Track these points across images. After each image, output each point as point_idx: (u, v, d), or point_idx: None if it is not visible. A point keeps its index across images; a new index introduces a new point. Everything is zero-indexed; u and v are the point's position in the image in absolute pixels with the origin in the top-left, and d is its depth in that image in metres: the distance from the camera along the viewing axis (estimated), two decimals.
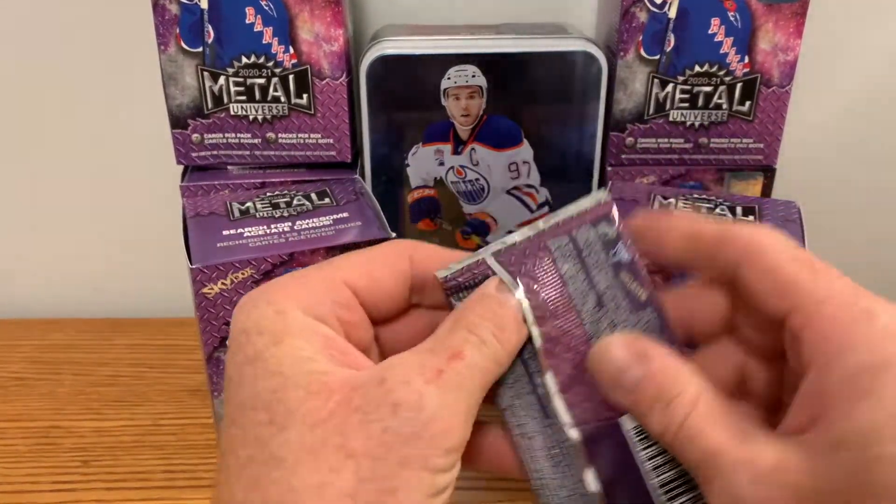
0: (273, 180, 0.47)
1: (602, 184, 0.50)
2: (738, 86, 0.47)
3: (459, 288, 0.25)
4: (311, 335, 0.23)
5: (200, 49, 0.45)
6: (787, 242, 0.23)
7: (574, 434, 0.25)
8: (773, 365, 0.25)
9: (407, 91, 0.47)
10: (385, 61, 0.46)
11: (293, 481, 0.20)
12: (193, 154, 0.47)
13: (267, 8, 0.44)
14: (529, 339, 0.25)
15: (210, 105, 0.46)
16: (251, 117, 0.47)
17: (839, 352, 0.20)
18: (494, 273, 0.25)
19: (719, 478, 0.21)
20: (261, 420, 0.21)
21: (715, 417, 0.21)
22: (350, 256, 0.25)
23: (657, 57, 0.46)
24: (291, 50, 0.45)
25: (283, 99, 0.46)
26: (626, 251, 0.26)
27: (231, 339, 0.23)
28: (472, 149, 0.48)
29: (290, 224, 0.42)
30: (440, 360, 0.22)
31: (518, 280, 0.25)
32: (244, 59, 0.45)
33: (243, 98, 0.46)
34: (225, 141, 0.47)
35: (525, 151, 0.49)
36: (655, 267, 0.27)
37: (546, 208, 0.50)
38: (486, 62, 0.46)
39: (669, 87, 0.47)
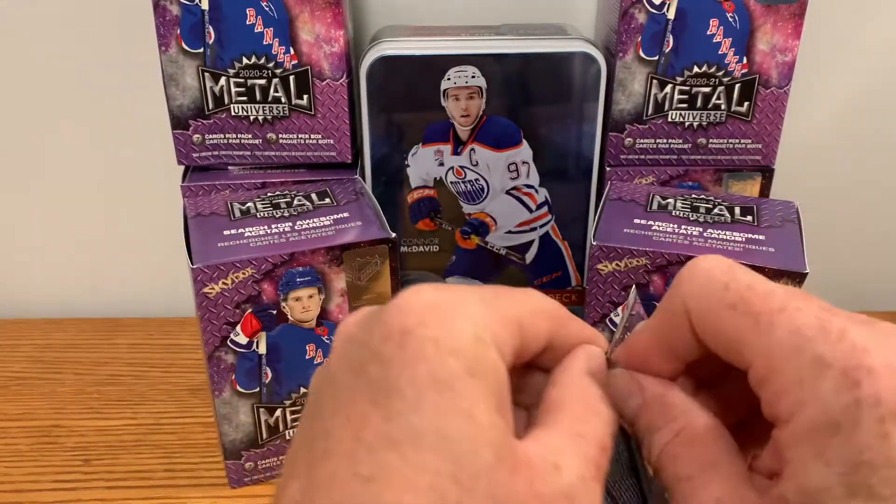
0: (273, 180, 0.48)
1: (601, 184, 0.50)
2: (737, 86, 0.47)
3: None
4: (499, 382, 0.20)
5: (201, 50, 0.45)
6: (715, 283, 0.21)
7: None
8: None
9: (407, 91, 0.47)
10: (385, 62, 0.46)
11: None
12: (194, 154, 0.48)
13: (267, 9, 0.44)
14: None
15: (211, 105, 0.46)
16: (252, 118, 0.47)
17: (791, 412, 0.19)
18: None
19: (682, 501, 0.21)
20: (442, 470, 0.18)
21: (688, 447, 0.22)
22: (521, 299, 0.22)
23: (656, 58, 0.46)
24: (292, 51, 0.45)
25: (283, 99, 0.46)
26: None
27: (410, 337, 0.19)
28: (472, 149, 0.49)
29: (290, 224, 0.42)
30: (596, 452, 0.21)
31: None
32: (245, 60, 0.45)
33: (244, 99, 0.46)
34: (226, 141, 0.47)
35: (524, 152, 0.49)
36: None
37: (545, 208, 0.51)
38: (486, 63, 0.46)
39: (668, 88, 0.47)
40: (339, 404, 0.19)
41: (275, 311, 0.41)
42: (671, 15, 0.45)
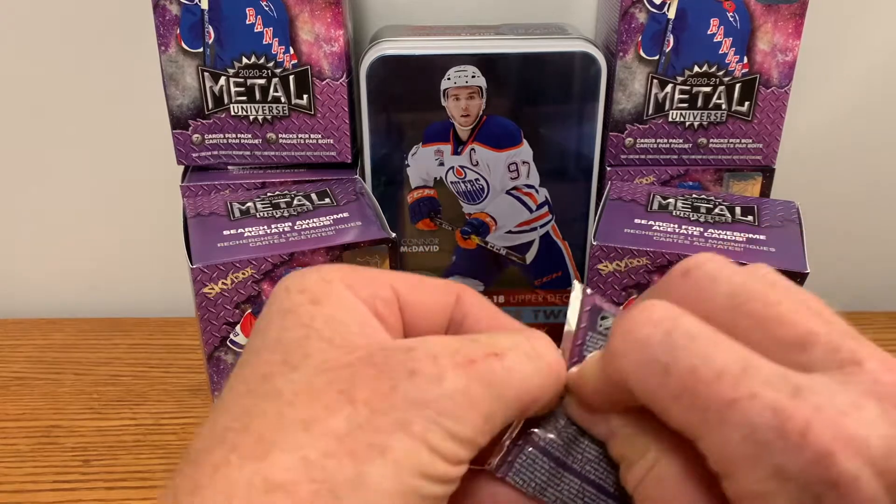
0: (273, 180, 0.48)
1: (601, 184, 0.50)
2: (737, 86, 0.47)
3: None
4: (351, 307, 0.22)
5: (201, 49, 0.45)
6: (661, 370, 0.19)
7: None
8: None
9: (407, 91, 0.47)
10: (385, 62, 0.46)
11: (283, 413, 0.19)
12: (194, 154, 0.48)
13: (267, 8, 0.44)
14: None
15: (210, 105, 0.46)
16: (251, 118, 0.47)
17: (727, 486, 0.18)
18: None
19: None
20: (274, 360, 0.21)
21: (660, 489, 0.21)
22: (404, 273, 0.25)
23: (656, 57, 0.46)
24: (292, 50, 0.45)
25: (283, 99, 0.46)
26: None
27: (270, 295, 0.23)
28: (472, 149, 0.48)
29: (290, 224, 0.42)
30: (477, 351, 0.21)
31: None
32: (244, 60, 0.45)
33: (244, 98, 0.46)
34: (225, 141, 0.47)
35: (525, 152, 0.49)
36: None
37: (545, 208, 0.51)
38: (485, 62, 0.46)
39: (668, 88, 0.47)
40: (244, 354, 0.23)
41: None
42: (671, 14, 0.45)
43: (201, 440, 0.20)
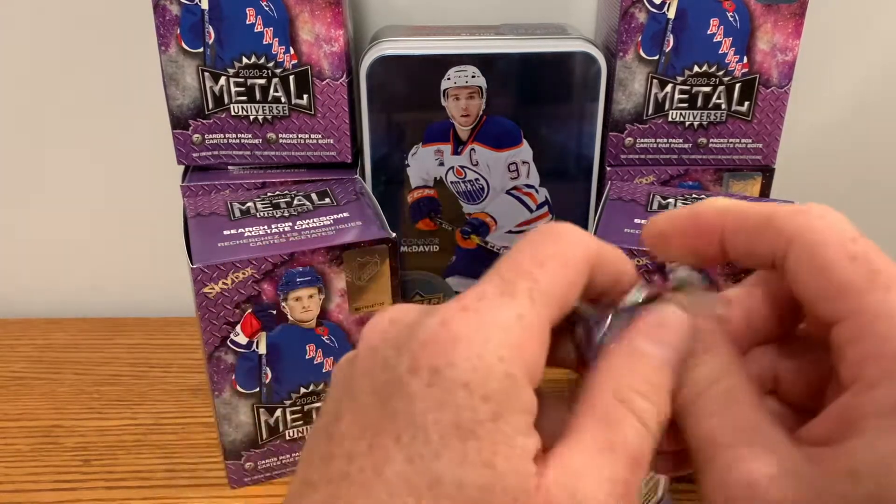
0: (273, 180, 0.48)
1: (601, 184, 0.50)
2: (737, 86, 0.47)
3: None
4: (529, 415, 0.19)
5: (201, 49, 0.45)
6: (843, 232, 0.20)
7: None
8: (808, 366, 0.23)
9: (407, 91, 0.47)
10: (385, 62, 0.46)
11: None
12: (194, 154, 0.48)
13: (267, 9, 0.44)
14: None
15: (211, 105, 0.46)
16: (252, 117, 0.47)
17: (881, 380, 0.18)
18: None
19: (714, 470, 0.20)
20: None
21: (726, 405, 0.20)
22: (551, 278, 0.20)
23: (656, 57, 0.46)
24: (292, 50, 0.45)
25: (283, 99, 0.46)
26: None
27: (439, 378, 0.19)
28: (472, 149, 0.48)
29: (290, 224, 0.42)
30: (624, 469, 0.20)
31: None
32: (245, 60, 0.45)
33: (244, 98, 0.46)
34: (225, 141, 0.47)
35: (525, 151, 0.49)
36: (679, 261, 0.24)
37: (545, 208, 0.51)
38: (485, 62, 0.46)
39: (668, 88, 0.47)
40: (362, 429, 0.19)
41: (275, 311, 0.41)
42: (671, 14, 0.45)
43: None
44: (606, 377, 0.21)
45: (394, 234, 0.41)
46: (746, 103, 0.47)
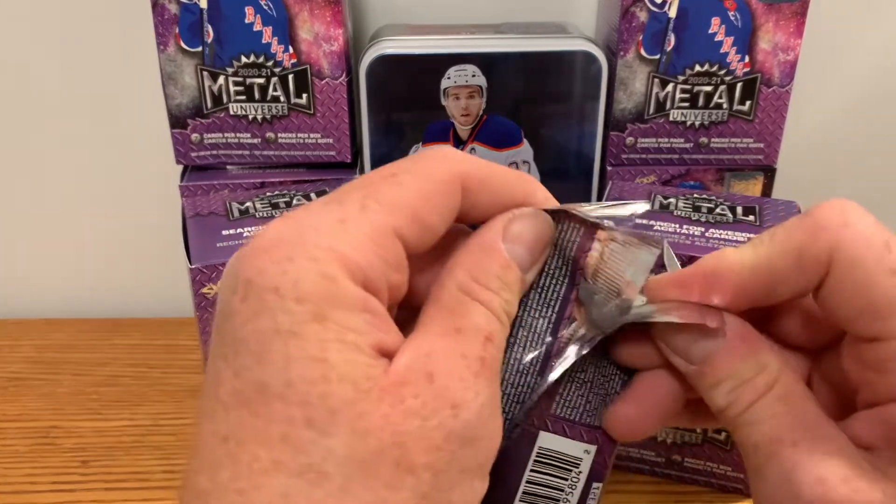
0: (272, 180, 0.47)
1: (602, 183, 0.50)
2: (739, 85, 0.47)
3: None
4: (361, 313, 0.18)
5: (200, 49, 0.45)
6: (882, 244, 0.20)
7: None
8: (837, 374, 0.22)
9: (407, 91, 0.47)
10: (385, 61, 0.45)
11: (345, 500, 0.17)
12: (193, 154, 0.47)
13: (266, 7, 0.44)
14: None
15: (209, 105, 0.46)
16: (251, 117, 0.47)
17: None
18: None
19: (777, 468, 0.19)
20: (294, 417, 0.17)
21: (787, 405, 0.20)
22: (398, 188, 0.20)
23: (657, 56, 0.46)
24: (291, 49, 0.45)
25: (282, 99, 0.46)
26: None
27: (251, 288, 0.18)
28: (472, 148, 0.48)
29: None
30: (476, 345, 0.19)
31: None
32: (244, 59, 0.45)
33: (243, 98, 0.46)
34: (224, 141, 0.47)
35: (525, 151, 0.49)
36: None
37: None
38: (486, 62, 0.46)
39: (669, 87, 0.47)
40: (208, 362, 0.19)
41: None
42: (672, 13, 0.45)
43: None
44: (453, 270, 0.20)
45: None
46: (748, 103, 0.47)
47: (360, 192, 0.19)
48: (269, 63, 0.45)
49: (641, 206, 0.24)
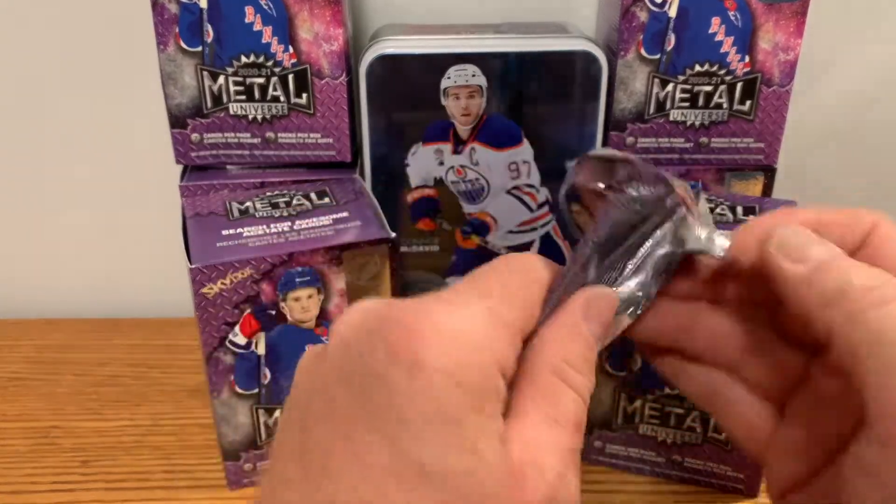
0: (272, 180, 0.47)
1: None
2: (739, 85, 0.47)
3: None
4: (501, 403, 0.21)
5: (200, 48, 0.45)
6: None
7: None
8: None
9: (407, 91, 0.47)
10: (385, 61, 0.45)
11: None
12: (193, 154, 0.47)
13: (266, 7, 0.44)
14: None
15: (209, 104, 0.46)
16: (251, 117, 0.47)
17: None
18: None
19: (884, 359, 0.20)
20: (444, 501, 0.18)
21: None
22: (515, 295, 0.22)
23: (657, 56, 0.46)
24: (291, 49, 0.45)
25: (282, 98, 0.46)
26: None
27: (414, 366, 0.19)
28: (472, 148, 0.48)
29: (289, 224, 0.42)
30: (571, 437, 0.21)
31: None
32: (243, 59, 0.45)
33: (243, 97, 0.46)
34: (224, 140, 0.47)
35: (525, 151, 0.49)
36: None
37: (546, 208, 0.50)
38: (486, 61, 0.46)
39: (670, 87, 0.47)
40: (336, 423, 0.19)
41: (274, 312, 0.41)
42: (673, 13, 0.45)
43: None
44: (544, 353, 0.22)
45: (394, 234, 0.41)
46: (748, 102, 0.47)
47: (494, 293, 0.22)
48: (269, 63, 0.45)
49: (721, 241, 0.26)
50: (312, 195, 0.45)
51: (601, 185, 0.26)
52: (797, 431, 0.25)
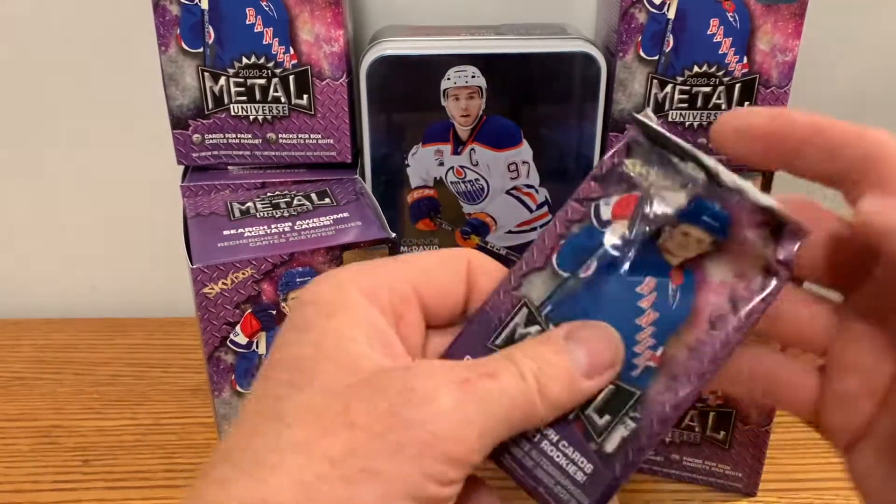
0: (273, 180, 0.48)
1: None
2: (737, 86, 0.47)
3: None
4: (363, 318, 0.22)
5: (201, 49, 0.45)
6: None
7: None
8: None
9: (407, 91, 0.47)
10: (385, 62, 0.46)
11: (282, 435, 0.20)
12: (194, 154, 0.48)
13: (267, 9, 0.44)
14: None
15: (210, 105, 0.46)
16: (251, 118, 0.47)
17: None
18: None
19: None
20: (282, 380, 0.22)
21: None
22: (414, 257, 0.25)
23: (656, 57, 0.46)
24: (292, 50, 0.45)
25: (283, 99, 0.46)
26: None
27: (290, 306, 0.24)
28: (472, 149, 0.48)
29: (290, 224, 0.42)
30: (471, 372, 0.22)
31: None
32: (244, 60, 0.45)
33: (244, 98, 0.46)
34: (225, 141, 0.47)
35: (525, 152, 0.49)
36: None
37: (546, 208, 0.50)
38: (485, 62, 0.46)
39: (668, 88, 0.47)
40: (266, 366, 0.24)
41: (274, 312, 0.41)
42: (671, 15, 0.45)
43: (216, 454, 0.22)
44: (519, 348, 0.24)
45: (394, 234, 0.41)
46: (746, 103, 0.47)
47: (389, 258, 0.25)
48: (270, 64, 0.45)
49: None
50: (313, 195, 0.45)
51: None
52: (849, 380, 0.24)
